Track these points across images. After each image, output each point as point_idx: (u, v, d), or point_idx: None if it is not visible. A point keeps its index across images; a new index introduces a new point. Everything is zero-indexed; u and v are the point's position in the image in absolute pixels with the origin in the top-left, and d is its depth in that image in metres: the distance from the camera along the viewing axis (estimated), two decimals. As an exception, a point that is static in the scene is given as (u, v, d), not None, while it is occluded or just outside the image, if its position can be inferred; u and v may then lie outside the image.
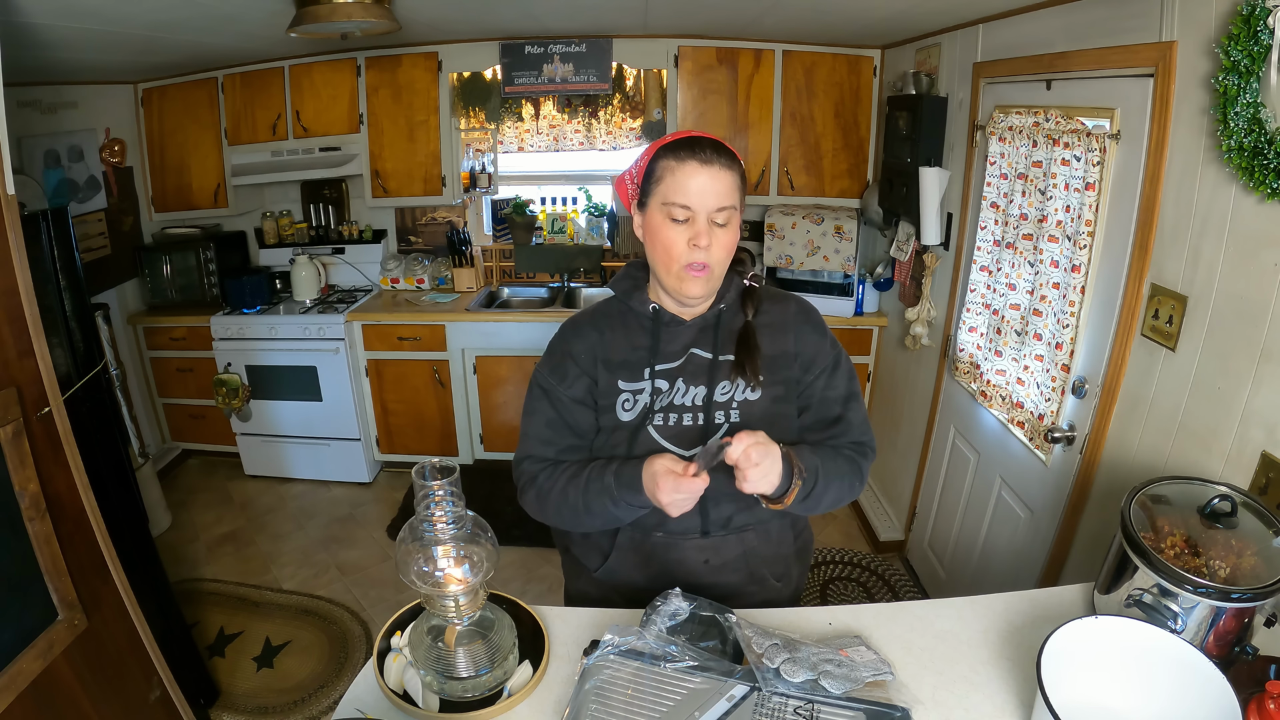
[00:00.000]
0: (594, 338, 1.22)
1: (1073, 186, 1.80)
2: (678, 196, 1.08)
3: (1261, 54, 1.18)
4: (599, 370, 1.21)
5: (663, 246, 1.11)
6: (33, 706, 1.36)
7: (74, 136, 3.18)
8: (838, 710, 0.92)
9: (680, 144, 1.10)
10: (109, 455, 1.96)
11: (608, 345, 1.21)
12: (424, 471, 0.92)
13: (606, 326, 1.23)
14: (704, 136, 1.11)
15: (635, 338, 1.21)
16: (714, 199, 1.08)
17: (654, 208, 1.12)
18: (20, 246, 1.41)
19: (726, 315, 1.21)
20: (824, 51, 3.24)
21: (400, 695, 0.98)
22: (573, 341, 1.24)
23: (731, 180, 1.09)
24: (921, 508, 2.87)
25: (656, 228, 1.12)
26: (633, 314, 1.23)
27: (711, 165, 1.07)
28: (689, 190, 1.07)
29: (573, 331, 1.25)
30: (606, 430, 1.21)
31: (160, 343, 3.63)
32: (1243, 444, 1.32)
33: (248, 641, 2.60)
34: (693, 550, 1.21)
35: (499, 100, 3.61)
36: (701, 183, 1.07)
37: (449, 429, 3.63)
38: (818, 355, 1.22)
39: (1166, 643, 0.91)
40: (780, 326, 1.22)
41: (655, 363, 1.19)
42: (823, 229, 3.26)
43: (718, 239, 1.10)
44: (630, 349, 1.21)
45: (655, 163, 1.12)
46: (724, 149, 1.10)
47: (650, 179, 1.12)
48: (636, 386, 1.19)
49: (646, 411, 1.18)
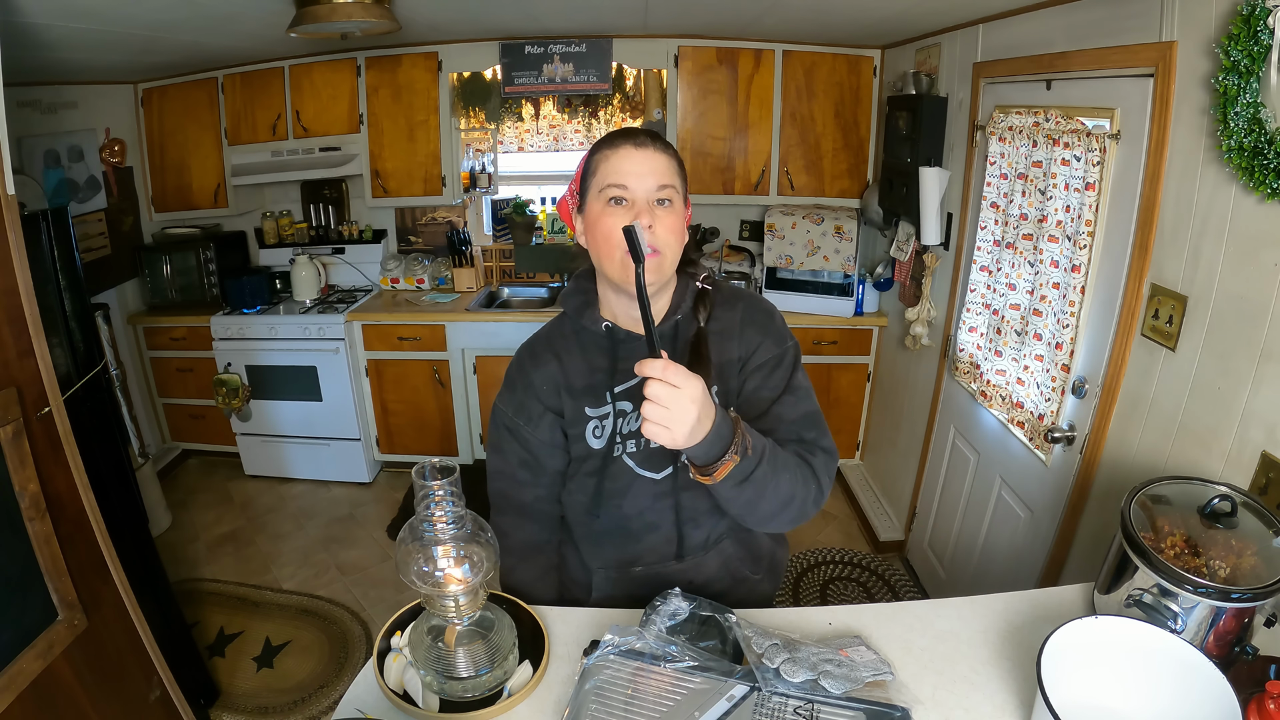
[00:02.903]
0: (554, 366, 1.17)
1: (1073, 186, 1.80)
2: (613, 178, 1.05)
3: (1261, 54, 1.18)
4: (564, 399, 1.16)
5: (603, 235, 1.05)
6: (33, 706, 1.36)
7: (74, 136, 3.18)
8: (838, 710, 0.92)
9: (614, 133, 1.09)
10: (109, 455, 1.96)
11: (569, 372, 1.16)
12: (424, 471, 0.92)
13: (564, 350, 1.18)
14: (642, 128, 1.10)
15: (593, 359, 1.16)
16: (652, 178, 1.04)
17: (592, 199, 1.08)
18: (20, 246, 1.41)
19: (683, 325, 1.15)
20: (824, 51, 3.24)
21: (400, 695, 0.98)
22: (532, 373, 1.18)
23: (668, 162, 1.06)
24: (921, 508, 2.87)
25: (596, 218, 1.06)
26: (587, 333, 1.17)
27: (646, 148, 1.05)
28: (624, 171, 1.04)
29: (530, 361, 1.20)
30: (578, 459, 1.17)
31: (160, 343, 3.63)
32: (1243, 444, 1.32)
33: (248, 641, 2.60)
34: (675, 575, 1.19)
35: (499, 100, 3.61)
36: (637, 163, 1.04)
37: (449, 429, 3.63)
38: (753, 354, 1.15)
39: (1166, 643, 0.91)
40: (727, 332, 1.15)
41: (614, 384, 1.14)
42: (823, 229, 3.26)
43: (661, 220, 1.04)
44: (590, 372, 1.15)
45: (591, 158, 1.09)
46: (659, 136, 1.09)
47: (588, 175, 1.09)
48: (602, 411, 1.15)
49: (614, 435, 1.14)
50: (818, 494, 1.05)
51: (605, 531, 1.20)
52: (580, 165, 1.12)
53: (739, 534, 1.24)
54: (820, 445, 1.10)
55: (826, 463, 1.08)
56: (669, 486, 1.15)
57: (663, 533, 1.18)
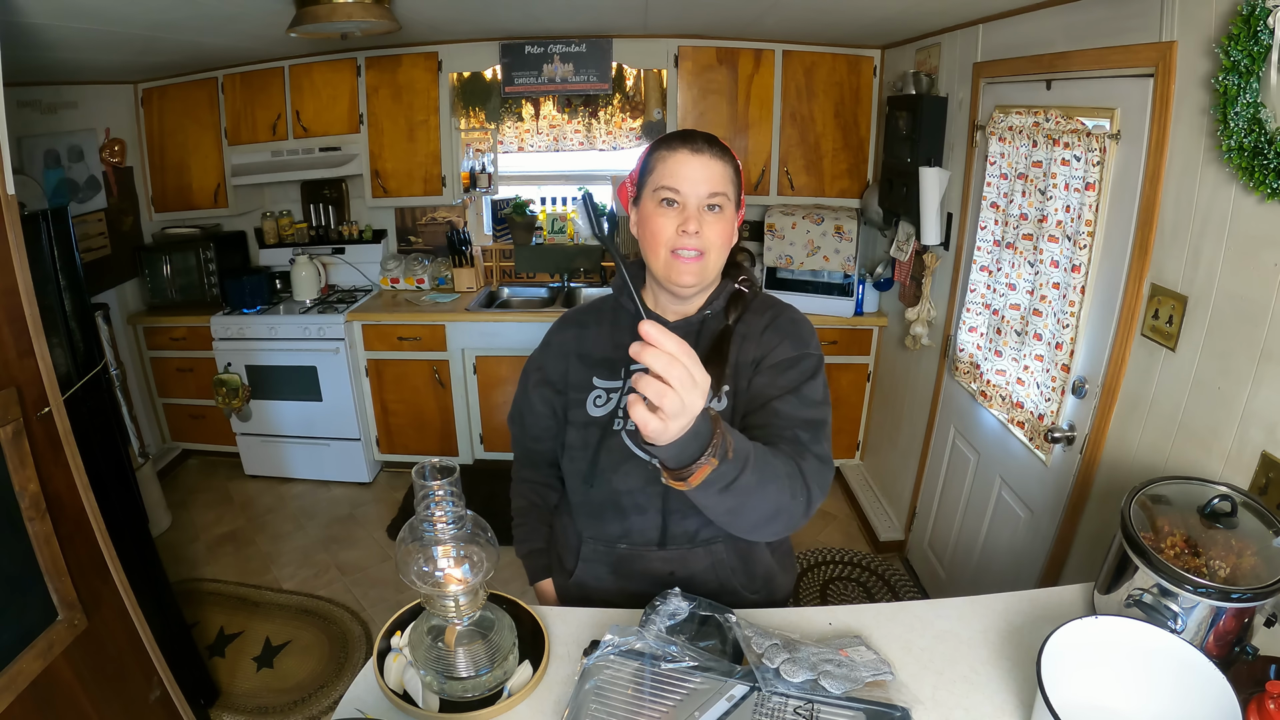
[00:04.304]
0: (574, 332, 1.27)
1: (1073, 186, 1.80)
2: (667, 180, 1.09)
3: (1261, 54, 1.18)
4: (571, 363, 1.24)
5: (651, 233, 1.11)
6: (33, 706, 1.36)
7: (74, 136, 3.18)
8: (838, 710, 0.92)
9: (674, 135, 1.12)
10: (109, 455, 1.96)
11: (588, 340, 1.24)
12: (424, 471, 0.92)
13: (593, 322, 1.26)
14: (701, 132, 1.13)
15: (621, 336, 1.22)
16: (705, 185, 1.08)
17: (646, 197, 1.12)
18: (20, 246, 1.41)
19: (711, 320, 1.19)
20: (824, 51, 3.24)
21: (400, 695, 0.98)
22: (554, 334, 1.30)
23: (723, 169, 1.10)
24: (921, 508, 2.87)
25: (648, 216, 1.12)
26: (623, 312, 1.25)
27: (702, 154, 1.08)
28: (678, 175, 1.08)
29: (558, 325, 1.31)
30: (578, 425, 1.21)
31: (160, 343, 3.63)
32: (1243, 444, 1.32)
33: (248, 641, 2.60)
34: (657, 562, 1.21)
35: (499, 100, 3.61)
36: (692, 169, 1.08)
37: (449, 429, 3.64)
38: (768, 355, 1.14)
39: (1166, 643, 0.91)
40: (750, 335, 1.18)
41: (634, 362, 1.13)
42: (823, 229, 3.26)
43: (709, 225, 1.09)
44: (613, 346, 1.22)
45: (650, 156, 1.13)
46: (717, 142, 1.11)
47: (645, 172, 1.13)
48: (613, 385, 1.20)
49: (617, 409, 1.18)
50: (806, 505, 0.97)
51: (597, 503, 1.22)
52: (640, 158, 1.17)
53: (737, 542, 1.23)
54: (814, 451, 1.02)
55: (819, 470, 1.01)
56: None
57: (649, 517, 1.19)
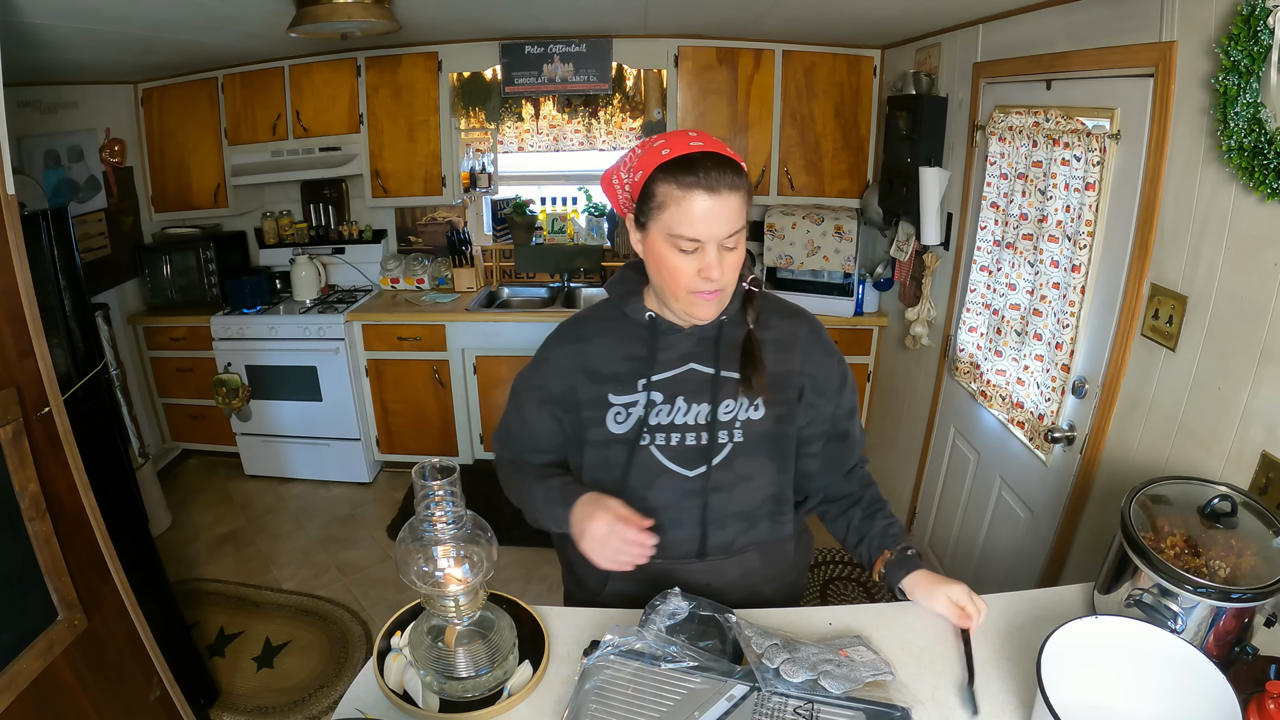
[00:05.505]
0: (574, 347, 1.18)
1: (1073, 186, 1.80)
2: (684, 229, 1.00)
3: (1261, 54, 1.18)
4: (578, 380, 1.16)
5: (669, 273, 1.04)
6: (33, 706, 1.36)
7: (74, 136, 3.18)
8: (838, 710, 0.92)
9: (680, 167, 0.99)
10: (109, 455, 1.96)
11: (592, 355, 1.17)
12: (424, 471, 0.92)
13: (594, 334, 1.18)
14: (704, 152, 1.00)
15: (629, 347, 1.16)
16: (723, 227, 1.00)
17: (656, 234, 1.03)
18: (20, 246, 1.41)
19: (728, 327, 1.15)
20: (824, 51, 3.23)
21: (400, 695, 0.98)
22: (550, 349, 1.21)
23: (739, 202, 1.01)
24: (921, 508, 2.87)
25: (661, 255, 1.04)
26: (628, 321, 1.17)
27: (718, 192, 0.98)
28: (695, 222, 0.99)
29: (556, 339, 1.22)
30: (598, 445, 1.16)
31: (160, 343, 3.63)
32: (1243, 444, 1.32)
33: (248, 641, 2.60)
34: (694, 574, 1.19)
35: (499, 100, 3.61)
36: (709, 212, 0.99)
37: (449, 429, 3.63)
38: (828, 379, 1.20)
39: (1166, 643, 0.91)
40: (788, 344, 1.17)
41: (651, 373, 1.14)
42: (823, 229, 3.26)
43: (727, 262, 1.03)
44: (622, 359, 1.15)
45: (654, 185, 1.01)
46: (727, 164, 1.00)
47: (649, 201, 1.02)
48: (629, 399, 1.14)
49: (642, 424, 1.14)
50: None
51: None
52: (637, 170, 1.04)
53: (768, 548, 1.23)
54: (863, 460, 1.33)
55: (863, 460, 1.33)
56: (700, 485, 1.15)
57: (685, 530, 1.17)
